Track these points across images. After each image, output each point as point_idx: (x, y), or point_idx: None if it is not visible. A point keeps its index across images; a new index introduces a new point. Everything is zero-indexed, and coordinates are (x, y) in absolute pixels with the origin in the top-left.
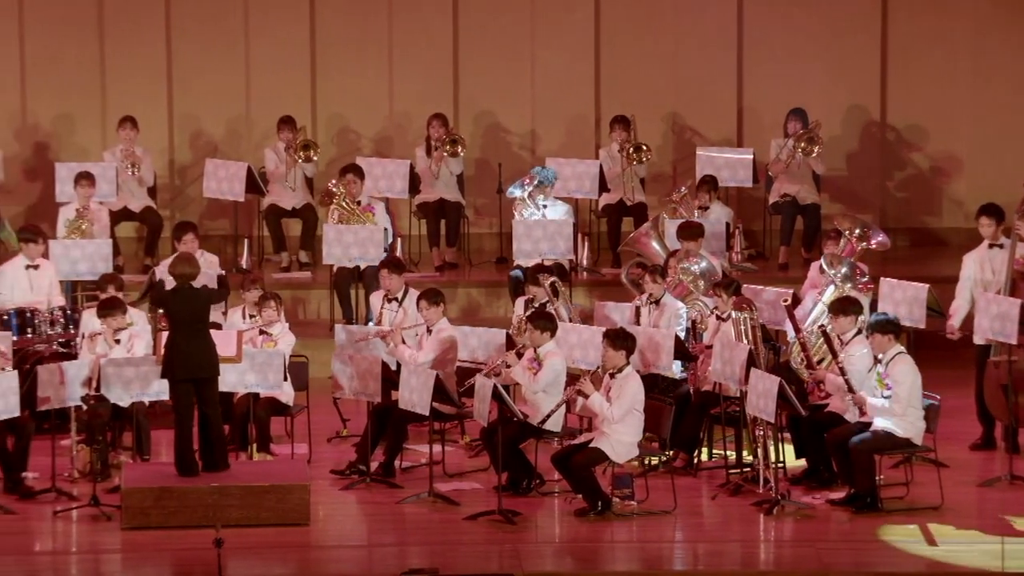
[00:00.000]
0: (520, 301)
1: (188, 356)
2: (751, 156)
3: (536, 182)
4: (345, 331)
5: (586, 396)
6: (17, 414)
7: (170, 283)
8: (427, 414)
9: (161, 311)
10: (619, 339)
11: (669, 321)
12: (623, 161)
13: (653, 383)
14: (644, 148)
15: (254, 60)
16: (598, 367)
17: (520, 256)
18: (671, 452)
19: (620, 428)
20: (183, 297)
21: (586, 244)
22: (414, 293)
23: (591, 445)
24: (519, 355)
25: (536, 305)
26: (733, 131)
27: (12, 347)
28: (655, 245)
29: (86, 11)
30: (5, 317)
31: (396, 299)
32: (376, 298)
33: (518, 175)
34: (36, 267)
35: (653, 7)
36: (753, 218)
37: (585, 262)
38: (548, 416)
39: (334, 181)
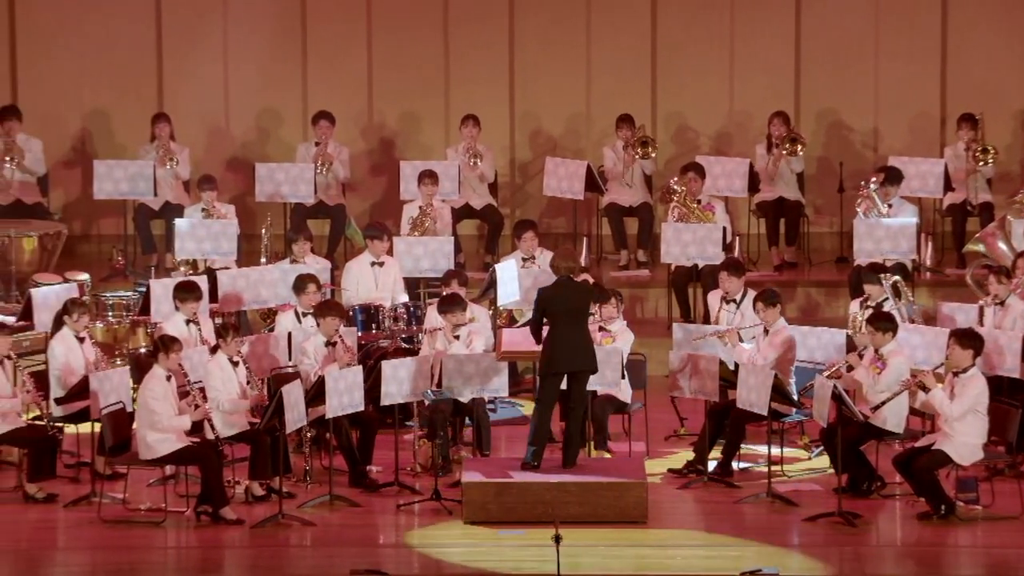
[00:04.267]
0: (855, 301)
1: (568, 348)
2: None
3: None
4: (683, 330)
5: (927, 390)
6: (362, 408)
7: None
8: (765, 414)
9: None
10: (968, 338)
11: (1014, 322)
12: (969, 160)
13: (998, 386)
14: (991, 150)
15: (595, 59)
16: (941, 364)
17: (861, 255)
18: (1018, 456)
19: (963, 429)
20: (564, 290)
21: (930, 244)
22: (752, 294)
23: (934, 447)
24: (860, 356)
25: (872, 304)
26: None
27: (357, 342)
28: (1002, 245)
29: (431, 12)
30: (350, 313)
31: (734, 301)
32: (714, 297)
33: (860, 174)
34: (381, 264)
35: (1005, 4)
36: None
37: (929, 262)
38: (883, 403)
39: (675, 179)
